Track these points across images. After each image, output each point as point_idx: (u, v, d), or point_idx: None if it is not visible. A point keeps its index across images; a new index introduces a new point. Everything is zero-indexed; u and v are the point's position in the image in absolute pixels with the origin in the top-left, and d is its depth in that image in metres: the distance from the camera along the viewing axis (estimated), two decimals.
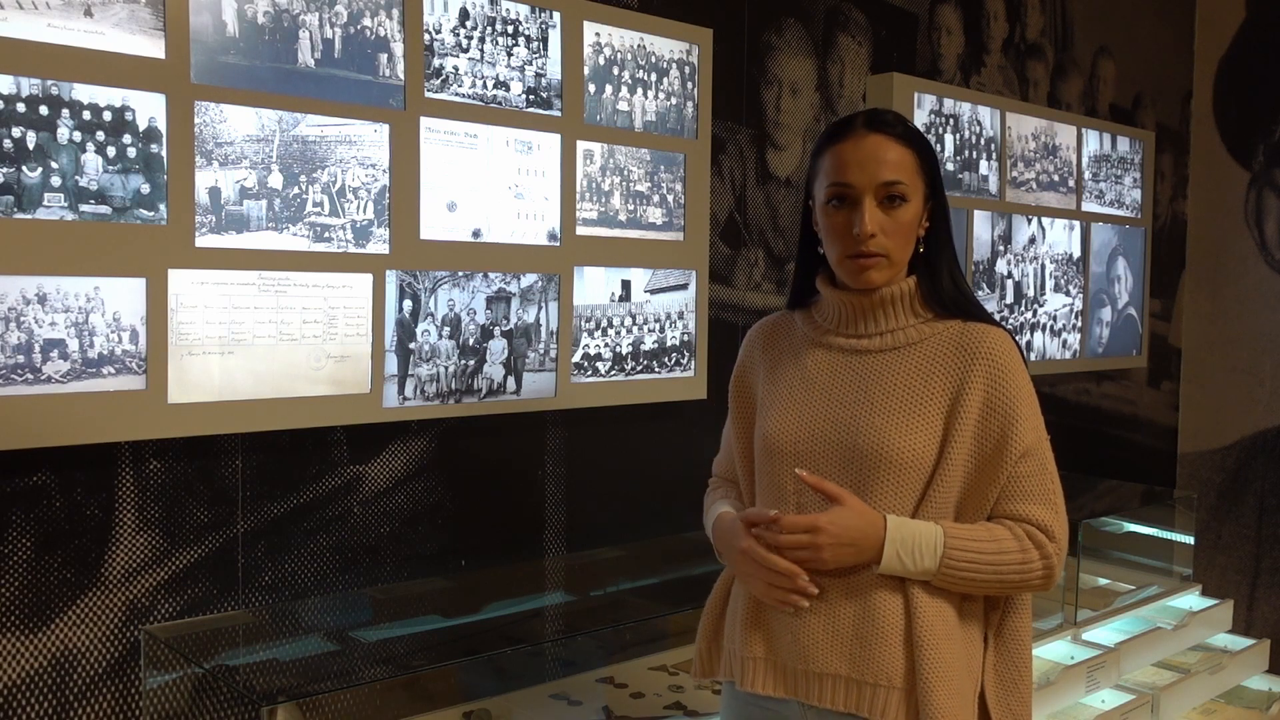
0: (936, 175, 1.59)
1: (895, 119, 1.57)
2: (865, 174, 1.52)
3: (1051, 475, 1.53)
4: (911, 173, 1.54)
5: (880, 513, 1.49)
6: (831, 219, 1.55)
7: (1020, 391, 1.52)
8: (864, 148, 1.53)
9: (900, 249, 1.55)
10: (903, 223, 1.53)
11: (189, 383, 1.90)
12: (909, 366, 1.55)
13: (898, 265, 1.56)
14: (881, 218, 1.52)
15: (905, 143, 1.55)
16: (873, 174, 1.52)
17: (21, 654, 1.82)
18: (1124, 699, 2.83)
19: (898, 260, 1.55)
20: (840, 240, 1.55)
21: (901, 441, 1.50)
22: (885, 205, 1.52)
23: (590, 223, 2.45)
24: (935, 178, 1.59)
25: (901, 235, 1.54)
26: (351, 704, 2.11)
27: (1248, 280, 4.28)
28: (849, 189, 1.53)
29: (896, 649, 1.49)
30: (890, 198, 1.52)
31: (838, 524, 1.47)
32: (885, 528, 1.48)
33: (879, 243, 1.52)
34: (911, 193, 1.54)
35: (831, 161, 1.55)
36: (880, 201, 1.52)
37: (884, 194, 1.52)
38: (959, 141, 3.33)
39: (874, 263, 1.53)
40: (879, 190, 1.52)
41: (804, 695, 1.55)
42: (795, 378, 1.63)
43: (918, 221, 1.56)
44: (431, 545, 2.30)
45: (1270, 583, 4.17)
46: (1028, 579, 1.50)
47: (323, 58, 2.04)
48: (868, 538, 1.48)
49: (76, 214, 1.77)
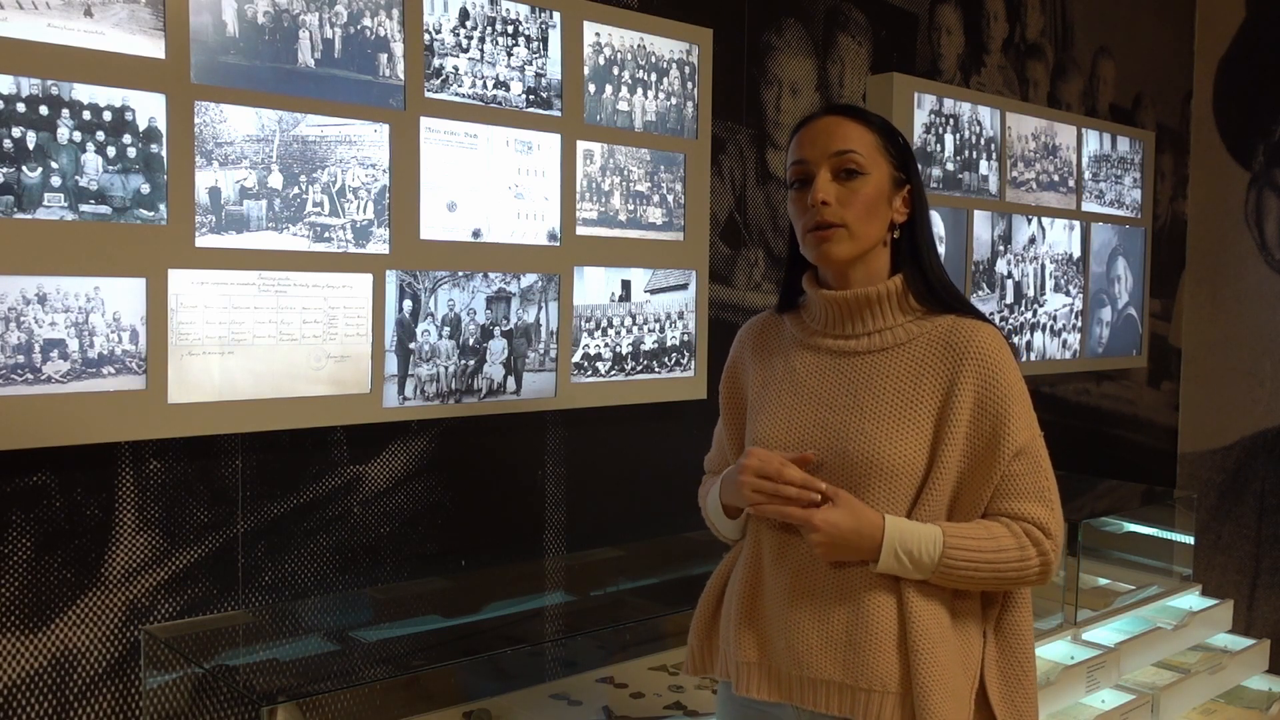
0: (909, 160, 1.59)
1: (857, 106, 1.60)
2: (816, 148, 1.54)
3: (1046, 472, 1.52)
4: (869, 148, 1.54)
5: (879, 513, 1.48)
6: (794, 202, 1.57)
7: (1012, 390, 1.50)
8: (818, 125, 1.57)
9: (860, 221, 1.53)
10: (861, 194, 1.53)
11: (189, 383, 1.90)
12: (898, 368, 1.54)
13: (860, 240, 1.54)
14: (837, 188, 1.53)
15: (863, 122, 1.56)
16: (824, 146, 1.54)
17: (21, 654, 1.82)
18: (1124, 699, 2.82)
19: (859, 234, 1.54)
20: (800, 217, 1.56)
21: (892, 448, 1.49)
22: (841, 178, 1.53)
23: (590, 223, 2.45)
24: (907, 162, 1.59)
25: (860, 207, 1.53)
26: (351, 704, 2.11)
27: (1248, 280, 4.28)
28: (804, 165, 1.55)
29: (890, 654, 1.48)
30: (847, 171, 1.53)
31: (830, 522, 1.46)
32: (883, 529, 1.47)
33: (834, 211, 1.52)
34: (869, 166, 1.53)
35: (793, 147, 1.58)
36: (836, 175, 1.53)
37: (838, 166, 1.53)
38: (959, 141, 3.33)
39: (831, 234, 1.52)
40: (832, 161, 1.53)
41: (798, 700, 1.54)
42: (784, 381, 1.61)
43: (882, 199, 1.55)
44: (431, 545, 2.30)
45: (1270, 583, 4.17)
46: (1025, 576, 1.50)
47: (323, 58, 2.04)
48: (864, 538, 1.47)
49: (76, 214, 1.77)
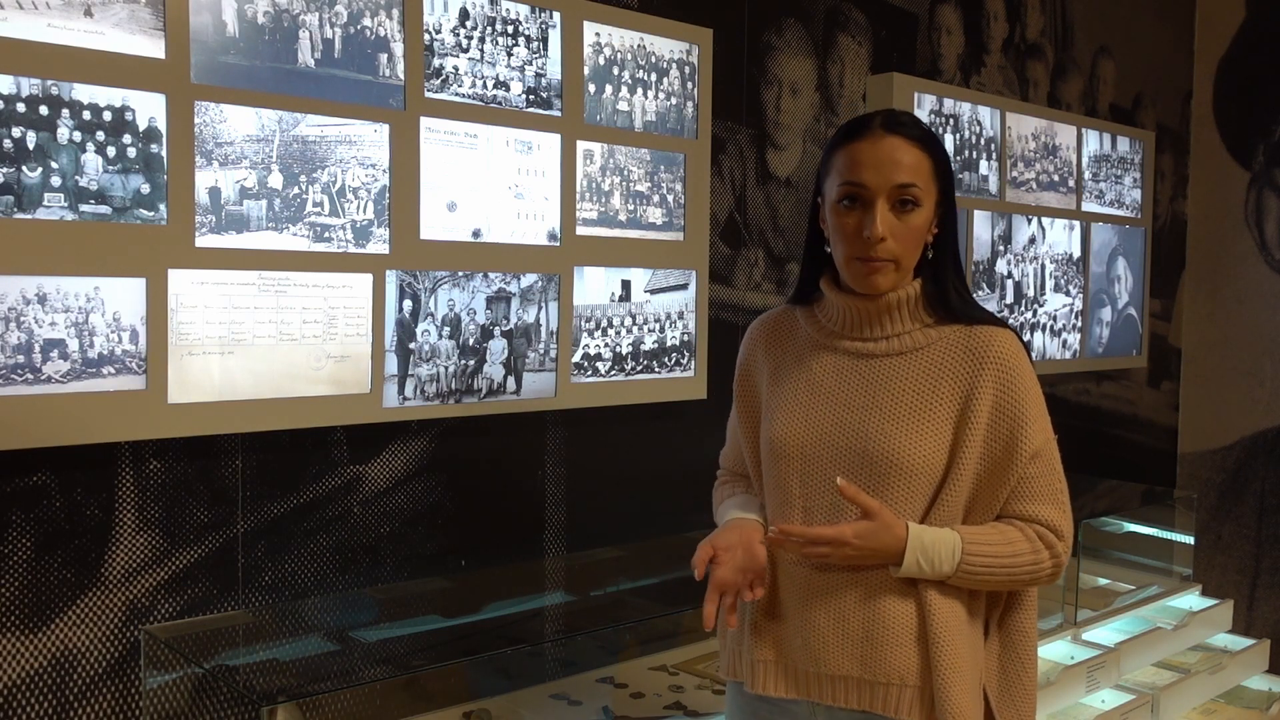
0: (949, 180, 1.56)
1: (912, 121, 1.54)
2: (880, 176, 1.49)
3: (1059, 475, 1.54)
4: (926, 177, 1.52)
5: (903, 521, 1.49)
6: (842, 219, 1.53)
7: (1029, 394, 1.52)
8: (880, 149, 1.50)
9: (909, 254, 1.53)
10: (913, 227, 1.51)
11: (189, 383, 1.90)
12: (917, 371, 1.54)
13: (905, 271, 1.54)
14: (893, 221, 1.50)
15: (921, 146, 1.52)
16: (888, 176, 1.49)
17: (21, 654, 1.82)
18: (1124, 699, 2.83)
19: (905, 266, 1.53)
20: (849, 242, 1.52)
21: (912, 448, 1.50)
22: (897, 209, 1.50)
23: (590, 223, 2.45)
24: (948, 183, 1.56)
25: (911, 240, 1.52)
26: (351, 704, 2.11)
27: (1248, 280, 4.28)
28: (862, 189, 1.50)
29: (909, 648, 1.50)
30: (903, 201, 1.50)
31: (863, 537, 1.47)
32: (906, 538, 1.48)
33: (888, 247, 1.50)
34: (924, 197, 1.51)
35: (846, 160, 1.52)
36: (893, 205, 1.50)
37: (897, 197, 1.50)
38: (959, 141, 3.33)
39: (882, 267, 1.51)
40: (892, 193, 1.49)
41: (816, 696, 1.55)
42: (801, 380, 1.61)
43: (928, 227, 1.54)
44: (431, 545, 2.30)
45: (1270, 583, 4.17)
46: (1037, 576, 1.53)
47: (323, 58, 2.04)
48: (889, 549, 1.48)
49: (76, 214, 1.77)
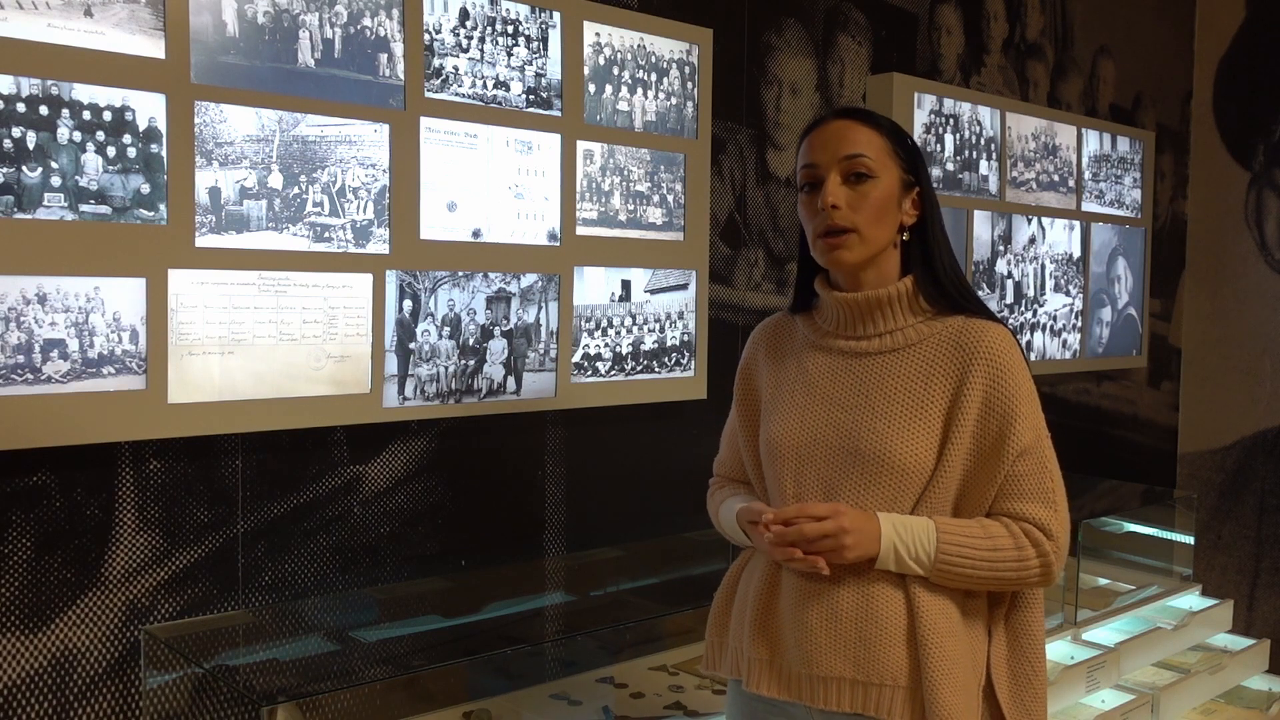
0: (918, 162, 1.60)
1: (867, 110, 1.61)
2: (827, 152, 1.55)
3: (1051, 473, 1.53)
4: (878, 151, 1.55)
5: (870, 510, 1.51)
6: (805, 205, 1.58)
7: (1020, 390, 1.51)
8: (828, 130, 1.57)
9: (870, 226, 1.54)
10: (871, 198, 1.54)
11: (189, 383, 1.90)
12: (909, 368, 1.55)
13: (871, 244, 1.55)
14: (846, 192, 1.54)
15: (872, 125, 1.57)
16: (834, 150, 1.55)
17: (21, 654, 1.82)
18: (1124, 699, 2.83)
19: (869, 238, 1.55)
20: (811, 221, 1.57)
21: (903, 446, 1.50)
22: (851, 182, 1.54)
23: (590, 223, 2.45)
24: (916, 164, 1.59)
25: (870, 211, 1.54)
26: (351, 704, 2.11)
27: (1248, 280, 4.28)
28: (815, 169, 1.56)
29: (900, 648, 1.50)
30: (857, 174, 1.54)
31: (853, 519, 1.49)
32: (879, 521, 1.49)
33: (844, 215, 1.53)
34: (879, 170, 1.54)
35: (803, 150, 1.59)
36: (846, 178, 1.54)
37: (847, 170, 1.54)
38: (959, 141, 3.33)
39: (842, 240, 1.54)
40: (842, 165, 1.54)
41: (809, 699, 1.55)
42: (797, 381, 1.63)
43: (892, 202, 1.56)
44: (431, 545, 2.30)
45: (1270, 583, 4.17)
46: (1025, 577, 1.51)
47: (323, 58, 2.04)
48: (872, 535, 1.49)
49: (76, 214, 1.77)
